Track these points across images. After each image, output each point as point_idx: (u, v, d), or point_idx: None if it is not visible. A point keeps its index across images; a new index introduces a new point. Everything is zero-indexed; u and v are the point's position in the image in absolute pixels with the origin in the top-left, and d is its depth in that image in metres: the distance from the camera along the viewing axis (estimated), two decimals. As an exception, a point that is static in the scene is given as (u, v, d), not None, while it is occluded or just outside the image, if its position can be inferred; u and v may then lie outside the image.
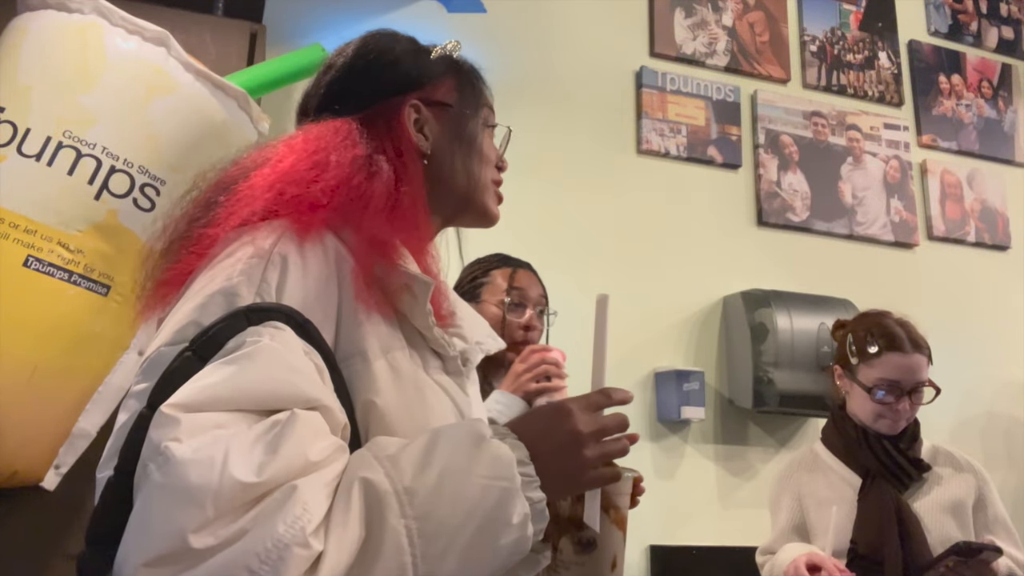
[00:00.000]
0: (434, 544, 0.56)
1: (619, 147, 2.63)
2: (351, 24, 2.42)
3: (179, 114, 1.40)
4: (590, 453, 0.66)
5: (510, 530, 0.59)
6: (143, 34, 1.39)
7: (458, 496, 0.58)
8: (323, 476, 0.56)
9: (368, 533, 0.55)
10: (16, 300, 1.23)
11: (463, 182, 0.85)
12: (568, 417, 0.67)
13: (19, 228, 1.25)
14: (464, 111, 0.86)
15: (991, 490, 1.58)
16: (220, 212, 0.71)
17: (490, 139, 0.90)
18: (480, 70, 0.91)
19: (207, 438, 0.53)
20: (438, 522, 0.57)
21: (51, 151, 1.29)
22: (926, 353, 1.57)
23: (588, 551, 0.70)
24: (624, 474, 0.71)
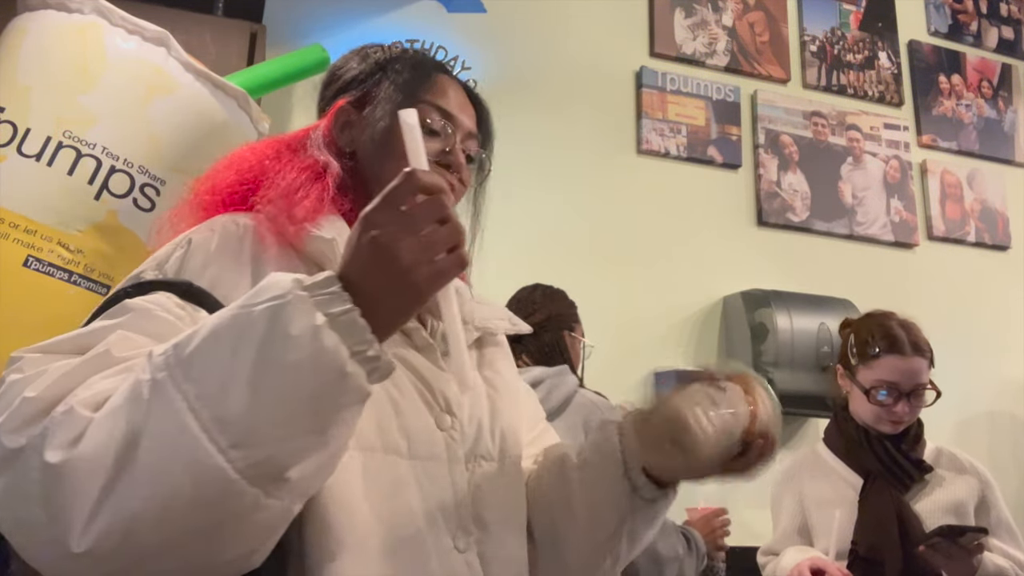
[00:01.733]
0: (206, 382, 0.53)
1: (619, 147, 2.63)
2: (351, 24, 2.42)
3: (179, 114, 1.40)
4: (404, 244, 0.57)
5: (296, 343, 0.53)
6: (143, 34, 1.39)
7: (221, 332, 0.55)
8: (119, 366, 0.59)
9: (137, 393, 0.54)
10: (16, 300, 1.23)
11: (380, 179, 0.77)
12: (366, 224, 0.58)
13: (19, 228, 1.25)
14: (381, 109, 0.84)
15: (994, 493, 1.57)
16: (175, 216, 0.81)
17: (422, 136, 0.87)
18: (425, 69, 0.87)
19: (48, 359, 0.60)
20: (204, 361, 0.54)
21: (51, 151, 1.29)
22: (927, 356, 1.56)
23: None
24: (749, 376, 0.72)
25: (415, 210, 0.58)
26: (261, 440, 0.53)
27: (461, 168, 0.84)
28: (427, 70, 0.87)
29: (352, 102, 0.86)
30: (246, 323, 0.54)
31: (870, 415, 1.56)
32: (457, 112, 0.85)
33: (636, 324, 2.47)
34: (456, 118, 0.85)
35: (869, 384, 1.55)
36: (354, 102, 0.86)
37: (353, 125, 0.86)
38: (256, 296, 0.56)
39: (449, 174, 0.83)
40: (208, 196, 0.80)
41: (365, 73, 0.88)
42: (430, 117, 0.83)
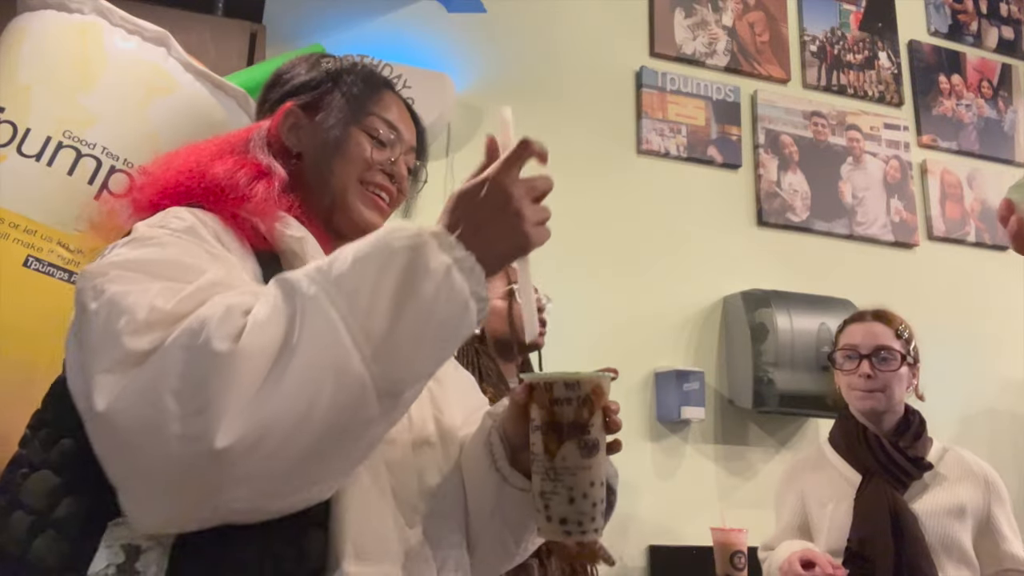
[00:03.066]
0: (357, 297, 0.60)
1: (619, 147, 2.63)
2: (351, 24, 2.42)
3: (179, 114, 1.40)
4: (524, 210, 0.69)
5: (430, 276, 0.62)
6: (143, 34, 1.39)
7: (369, 258, 0.62)
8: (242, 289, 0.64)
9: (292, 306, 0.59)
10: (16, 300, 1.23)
11: (327, 181, 0.88)
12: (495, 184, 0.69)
13: (19, 228, 1.25)
14: (333, 116, 0.89)
15: (1003, 507, 1.54)
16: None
17: (365, 142, 0.90)
18: (375, 83, 0.94)
19: (137, 277, 0.63)
20: (354, 279, 0.61)
21: (51, 151, 1.29)
22: (893, 327, 1.59)
23: (593, 454, 0.71)
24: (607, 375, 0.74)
25: (536, 181, 0.72)
26: (396, 356, 0.60)
27: (403, 179, 0.93)
28: (377, 85, 0.94)
29: (301, 106, 0.91)
30: (389, 252, 0.62)
31: (848, 394, 1.60)
32: (401, 127, 0.93)
33: (636, 324, 2.47)
34: (400, 132, 0.93)
35: (836, 357, 1.62)
36: (303, 106, 0.91)
37: (302, 128, 0.91)
38: (391, 234, 0.63)
39: (391, 183, 0.91)
40: (147, 192, 0.81)
41: (316, 80, 0.93)
42: (380, 128, 0.91)
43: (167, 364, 0.56)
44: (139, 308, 0.59)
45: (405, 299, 0.61)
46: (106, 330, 0.59)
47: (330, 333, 0.58)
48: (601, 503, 0.71)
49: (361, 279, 0.61)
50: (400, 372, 0.61)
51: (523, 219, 0.69)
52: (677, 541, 2.30)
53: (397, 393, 0.61)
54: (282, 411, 0.56)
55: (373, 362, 0.59)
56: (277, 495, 0.60)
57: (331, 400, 0.57)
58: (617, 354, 2.42)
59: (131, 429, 0.56)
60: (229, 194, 0.79)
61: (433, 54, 2.46)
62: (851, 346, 1.59)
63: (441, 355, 0.65)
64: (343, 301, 0.59)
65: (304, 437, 0.57)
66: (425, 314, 0.61)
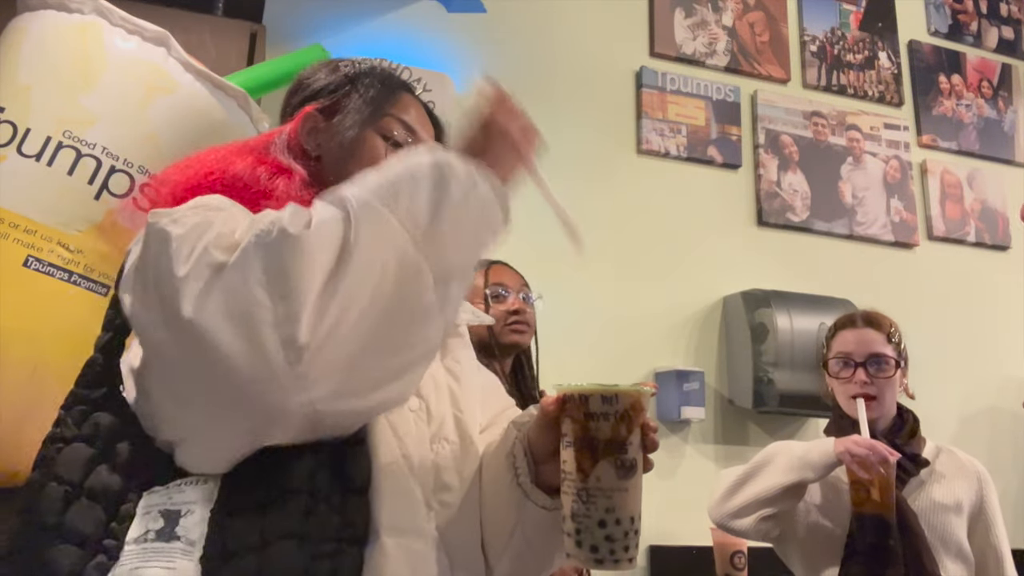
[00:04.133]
0: (399, 199, 0.65)
1: (619, 147, 2.63)
2: (351, 24, 2.42)
3: (179, 114, 1.40)
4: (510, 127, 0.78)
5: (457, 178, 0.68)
6: (143, 34, 1.39)
7: (401, 170, 0.68)
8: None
9: (344, 211, 0.64)
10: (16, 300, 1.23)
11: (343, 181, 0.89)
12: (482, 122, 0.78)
13: (19, 228, 1.25)
14: (350, 119, 0.92)
15: (991, 493, 1.57)
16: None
17: (384, 145, 0.92)
18: (392, 85, 0.96)
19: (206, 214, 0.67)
20: (391, 188, 0.66)
21: (51, 151, 1.29)
22: (884, 331, 1.59)
23: (630, 476, 0.66)
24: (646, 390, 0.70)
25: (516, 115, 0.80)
26: (443, 244, 0.66)
27: None
28: (394, 87, 0.96)
29: (320, 109, 0.93)
30: (417, 163, 0.69)
31: (843, 400, 1.59)
32: (419, 128, 0.94)
33: (636, 324, 2.47)
34: (418, 133, 0.94)
35: (829, 363, 1.61)
36: (322, 110, 0.93)
37: (320, 131, 0.92)
38: (415, 151, 0.71)
39: None
40: (168, 190, 0.83)
41: (335, 84, 0.95)
42: (396, 130, 0.92)
43: (249, 259, 0.60)
44: (223, 223, 0.65)
45: (440, 197, 0.66)
46: (194, 246, 0.62)
47: (384, 223, 0.63)
48: (635, 530, 0.66)
49: (397, 184, 0.66)
50: (447, 258, 0.66)
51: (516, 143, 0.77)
52: (677, 541, 2.30)
53: (447, 280, 0.66)
54: (354, 290, 0.60)
55: (425, 244, 0.64)
56: (355, 391, 0.62)
57: (395, 278, 0.62)
58: (617, 354, 2.42)
59: (221, 328, 0.58)
60: (251, 187, 0.81)
61: (433, 54, 2.46)
62: (844, 354, 1.59)
63: (479, 249, 0.71)
64: (390, 199, 0.65)
65: (374, 316, 0.61)
66: (459, 207, 0.67)
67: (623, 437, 0.66)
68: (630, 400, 0.67)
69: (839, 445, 1.43)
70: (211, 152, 0.87)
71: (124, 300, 0.69)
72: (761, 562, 1.90)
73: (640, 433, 0.68)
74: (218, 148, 0.89)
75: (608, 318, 2.42)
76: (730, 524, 1.57)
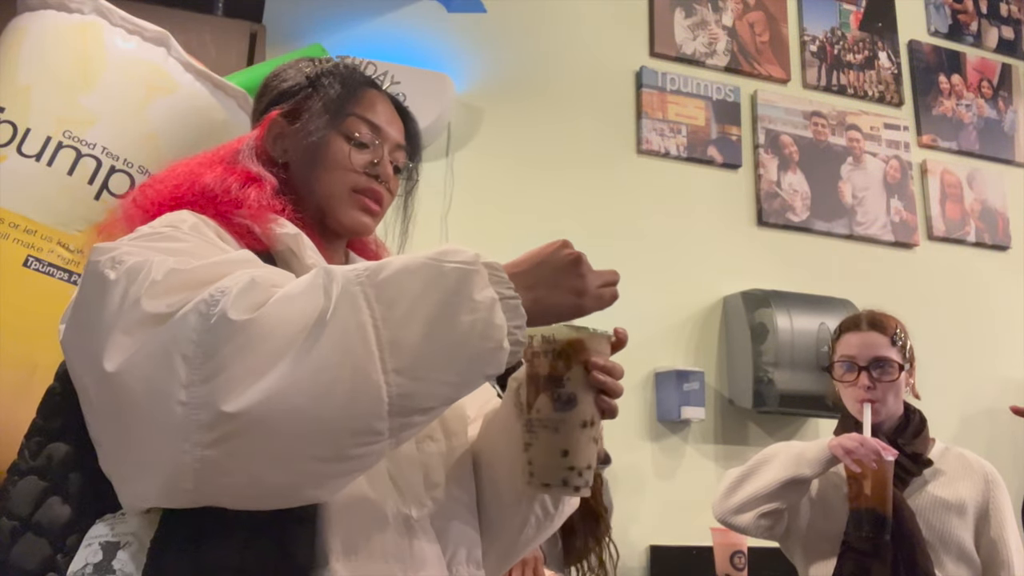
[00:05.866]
0: (394, 308, 0.59)
1: (619, 147, 2.63)
2: (351, 24, 2.42)
3: (179, 114, 1.40)
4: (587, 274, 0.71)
5: (474, 307, 0.61)
6: (143, 34, 1.39)
7: (416, 272, 0.61)
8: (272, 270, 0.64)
9: (328, 295, 0.59)
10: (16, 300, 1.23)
11: (313, 189, 0.88)
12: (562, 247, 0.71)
13: (19, 228, 1.25)
14: (312, 123, 0.88)
15: (1003, 496, 1.54)
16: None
17: (348, 147, 0.88)
18: (354, 83, 0.91)
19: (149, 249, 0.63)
20: (396, 290, 0.60)
21: (51, 151, 1.29)
22: (888, 334, 1.59)
23: (567, 409, 0.70)
24: (599, 332, 0.75)
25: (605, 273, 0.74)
26: (419, 376, 0.59)
27: (389, 179, 0.91)
28: (356, 84, 0.91)
29: (284, 114, 0.90)
30: (438, 273, 0.61)
31: (849, 402, 1.59)
32: (385, 125, 0.91)
33: (636, 324, 2.46)
34: (383, 131, 0.90)
35: (834, 366, 1.61)
36: (285, 114, 0.90)
37: (285, 136, 0.89)
38: (444, 255, 0.63)
39: (378, 184, 0.89)
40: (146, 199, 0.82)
41: (298, 86, 0.92)
42: (358, 130, 0.88)
43: (182, 328, 0.56)
44: (159, 271, 0.60)
45: (441, 323, 0.59)
46: (125, 295, 0.59)
47: (359, 333, 0.57)
48: (578, 461, 0.70)
49: (403, 291, 0.59)
50: (417, 393, 0.59)
51: (585, 281, 0.70)
52: (677, 541, 2.30)
53: (408, 413, 0.59)
54: (291, 394, 0.55)
55: (395, 373, 0.58)
56: (265, 482, 0.58)
57: (345, 398, 0.56)
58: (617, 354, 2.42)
59: (138, 390, 0.56)
60: (222, 199, 0.79)
61: (433, 54, 2.46)
62: (848, 357, 1.59)
63: (460, 388, 0.63)
64: (380, 307, 0.58)
65: (308, 424, 0.56)
66: (458, 343, 0.60)
67: (560, 372, 0.71)
68: (566, 339, 0.72)
69: (833, 440, 1.46)
70: (179, 166, 0.86)
71: (60, 329, 0.67)
72: (761, 562, 1.90)
73: (583, 371, 0.71)
74: (188, 160, 0.87)
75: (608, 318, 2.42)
76: (732, 521, 1.58)
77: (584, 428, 0.71)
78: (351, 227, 0.89)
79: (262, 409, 0.54)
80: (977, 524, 1.52)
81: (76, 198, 1.30)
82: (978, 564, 1.50)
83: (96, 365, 0.58)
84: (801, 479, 1.49)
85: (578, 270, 0.70)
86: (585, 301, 0.71)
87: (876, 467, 1.40)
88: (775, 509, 1.53)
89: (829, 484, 1.58)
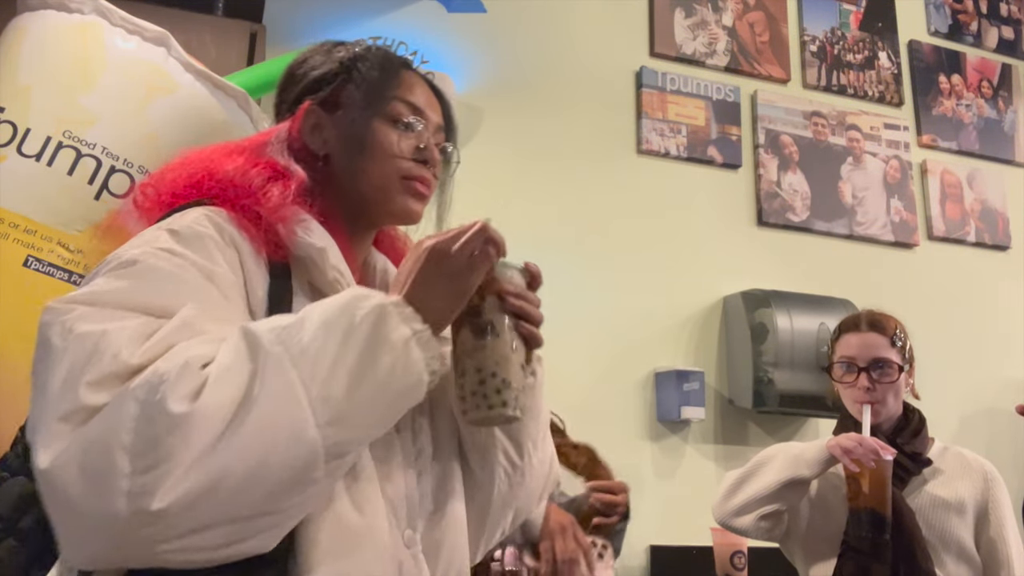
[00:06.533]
0: (319, 364, 0.60)
1: (619, 147, 2.63)
2: (351, 24, 2.42)
3: (179, 114, 1.40)
4: (446, 250, 0.69)
5: (392, 348, 0.64)
6: (143, 34, 1.39)
7: (333, 324, 0.63)
8: (207, 336, 0.63)
9: (255, 364, 0.59)
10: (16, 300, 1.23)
11: (359, 180, 0.84)
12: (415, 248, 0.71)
13: (19, 228, 1.25)
14: (354, 110, 0.84)
15: (1001, 492, 1.54)
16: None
17: (394, 132, 0.85)
18: (392, 66, 0.88)
19: (106, 315, 0.61)
20: (319, 346, 0.61)
21: (51, 151, 1.29)
22: (887, 334, 1.58)
23: (487, 336, 0.73)
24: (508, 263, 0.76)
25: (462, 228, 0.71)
26: (351, 423, 0.61)
27: (436, 163, 0.87)
28: (394, 67, 0.88)
29: (320, 103, 0.86)
30: (351, 324, 0.63)
31: (849, 403, 1.59)
32: (425, 107, 0.87)
33: (636, 324, 2.47)
34: (425, 113, 0.87)
35: (833, 366, 1.61)
36: (322, 103, 0.86)
37: (323, 127, 0.85)
38: (356, 301, 0.65)
39: (426, 169, 0.86)
40: (159, 190, 0.79)
41: (332, 73, 0.87)
42: (403, 114, 0.85)
43: (120, 419, 0.55)
44: (103, 356, 0.58)
45: (365, 369, 0.62)
46: (68, 376, 0.58)
47: (289, 394, 0.59)
48: (505, 385, 0.72)
49: (324, 346, 0.61)
50: (351, 437, 0.62)
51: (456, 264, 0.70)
52: (677, 541, 2.30)
53: (343, 455, 0.62)
54: (232, 469, 0.56)
55: (328, 426, 0.60)
56: (211, 549, 0.58)
57: (282, 461, 0.58)
58: (617, 354, 2.42)
59: (75, 484, 0.55)
60: (241, 192, 0.76)
61: (433, 54, 2.45)
62: (848, 358, 1.59)
63: (390, 421, 0.67)
64: (305, 365, 0.60)
65: (249, 495, 0.57)
66: (382, 385, 0.63)
67: (474, 304, 0.73)
68: None
69: (832, 441, 1.46)
70: (205, 150, 0.82)
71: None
72: (761, 562, 1.90)
73: (497, 300, 0.74)
74: (203, 149, 0.83)
75: (608, 318, 2.42)
76: (732, 523, 1.58)
77: (507, 354, 0.73)
78: (402, 215, 0.86)
79: (207, 489, 0.55)
80: (977, 523, 1.52)
81: (76, 198, 1.30)
82: (978, 563, 1.49)
83: (33, 451, 0.57)
84: (800, 480, 1.49)
85: (437, 261, 0.70)
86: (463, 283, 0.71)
87: (875, 466, 1.40)
88: (775, 511, 1.53)
89: (828, 485, 1.58)
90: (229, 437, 0.56)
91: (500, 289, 0.74)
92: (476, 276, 0.71)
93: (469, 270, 0.70)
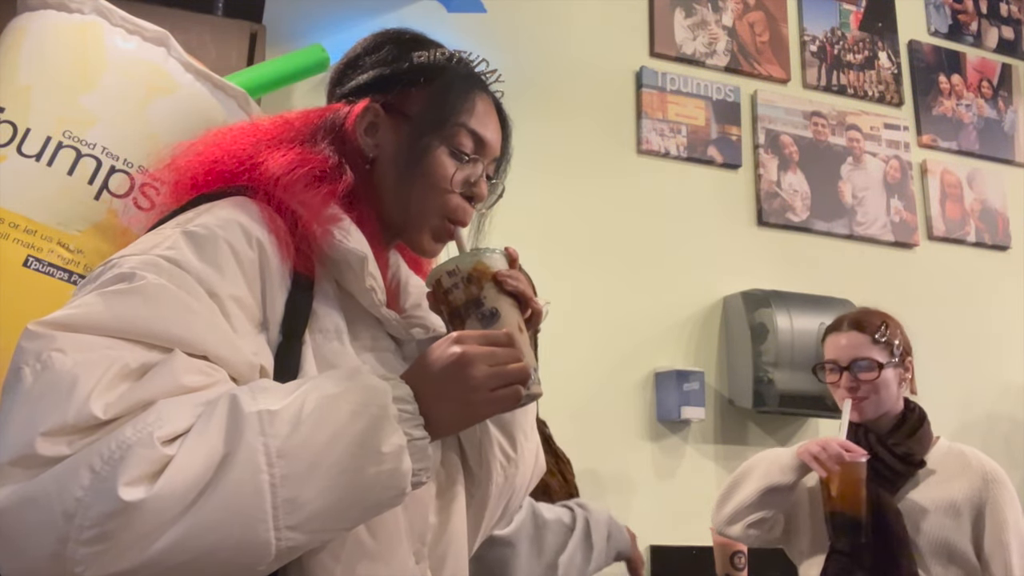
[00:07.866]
0: (296, 464, 0.56)
1: (619, 147, 2.63)
2: (351, 24, 2.42)
3: (179, 114, 1.40)
4: (478, 373, 0.65)
5: (380, 459, 0.59)
6: (143, 34, 1.39)
7: (324, 419, 0.58)
8: (190, 397, 0.58)
9: (228, 450, 0.55)
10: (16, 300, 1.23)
11: (400, 196, 0.80)
12: (450, 345, 0.67)
13: (19, 228, 1.25)
14: (417, 126, 0.79)
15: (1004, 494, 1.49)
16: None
17: (452, 164, 0.80)
18: (468, 87, 0.82)
19: (93, 356, 0.57)
20: (301, 443, 0.57)
21: (51, 151, 1.29)
22: (869, 332, 1.58)
23: (494, 320, 0.74)
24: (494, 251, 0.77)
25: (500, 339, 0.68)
26: (314, 529, 0.58)
27: (482, 198, 0.84)
28: (470, 88, 0.83)
29: (383, 104, 0.81)
30: (346, 420, 0.59)
31: (838, 401, 1.60)
32: (490, 139, 0.84)
33: (636, 324, 2.47)
34: (488, 146, 0.84)
35: (821, 370, 1.63)
36: (385, 104, 0.81)
37: (380, 130, 0.81)
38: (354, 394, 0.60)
39: (470, 205, 0.83)
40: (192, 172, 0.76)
41: (404, 75, 0.82)
42: (466, 146, 0.81)
43: (71, 485, 0.53)
44: (70, 405, 0.54)
45: (344, 478, 0.58)
46: (28, 420, 0.55)
47: (254, 493, 0.55)
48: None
49: (308, 441, 0.57)
50: (309, 540, 0.58)
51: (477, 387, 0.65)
52: (677, 541, 2.30)
53: (297, 551, 0.59)
54: (174, 557, 0.53)
55: (287, 530, 0.56)
56: None
57: (229, 557, 0.55)
58: (617, 354, 2.42)
59: (15, 529, 0.53)
60: (284, 190, 0.72)
61: (433, 54, 2.46)
62: (832, 361, 1.61)
63: (355, 525, 0.63)
64: (281, 463, 0.56)
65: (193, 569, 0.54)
66: (359, 496, 0.60)
67: (476, 295, 0.74)
68: (471, 265, 0.76)
69: (801, 446, 1.48)
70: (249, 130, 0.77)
71: None
72: (761, 562, 1.90)
73: (494, 285, 0.74)
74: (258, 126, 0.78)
75: (608, 318, 2.42)
76: (726, 531, 1.61)
77: (516, 335, 0.74)
78: (418, 249, 0.84)
79: (144, 569, 0.53)
80: (974, 525, 1.47)
81: (76, 198, 1.30)
82: (973, 566, 1.45)
83: None
84: (779, 487, 1.51)
85: (464, 374, 0.65)
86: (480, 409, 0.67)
87: (838, 470, 1.41)
88: (761, 518, 1.54)
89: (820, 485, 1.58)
90: (180, 525, 0.53)
91: (495, 274, 0.75)
92: (493, 412, 0.69)
93: (489, 405, 0.67)
